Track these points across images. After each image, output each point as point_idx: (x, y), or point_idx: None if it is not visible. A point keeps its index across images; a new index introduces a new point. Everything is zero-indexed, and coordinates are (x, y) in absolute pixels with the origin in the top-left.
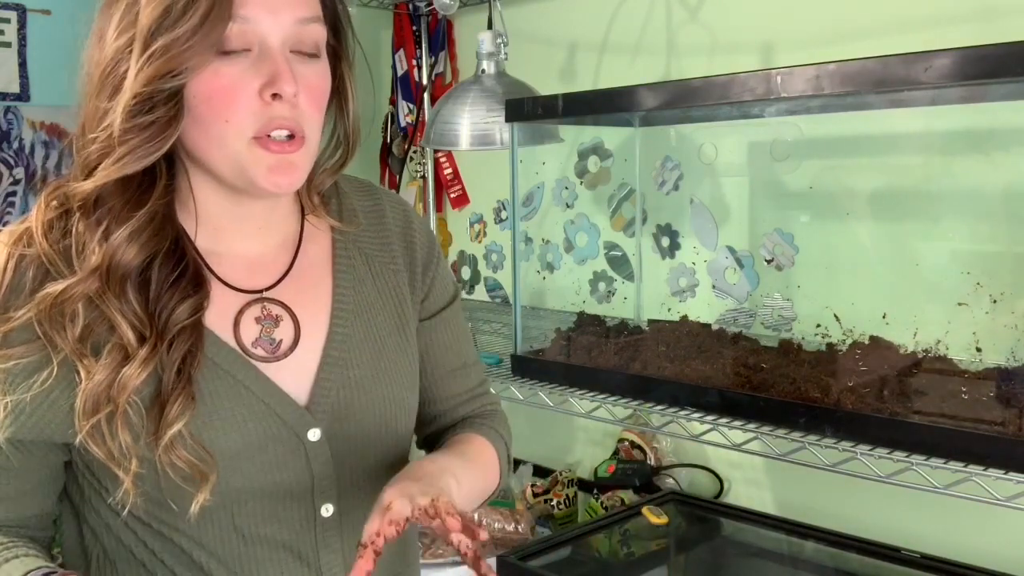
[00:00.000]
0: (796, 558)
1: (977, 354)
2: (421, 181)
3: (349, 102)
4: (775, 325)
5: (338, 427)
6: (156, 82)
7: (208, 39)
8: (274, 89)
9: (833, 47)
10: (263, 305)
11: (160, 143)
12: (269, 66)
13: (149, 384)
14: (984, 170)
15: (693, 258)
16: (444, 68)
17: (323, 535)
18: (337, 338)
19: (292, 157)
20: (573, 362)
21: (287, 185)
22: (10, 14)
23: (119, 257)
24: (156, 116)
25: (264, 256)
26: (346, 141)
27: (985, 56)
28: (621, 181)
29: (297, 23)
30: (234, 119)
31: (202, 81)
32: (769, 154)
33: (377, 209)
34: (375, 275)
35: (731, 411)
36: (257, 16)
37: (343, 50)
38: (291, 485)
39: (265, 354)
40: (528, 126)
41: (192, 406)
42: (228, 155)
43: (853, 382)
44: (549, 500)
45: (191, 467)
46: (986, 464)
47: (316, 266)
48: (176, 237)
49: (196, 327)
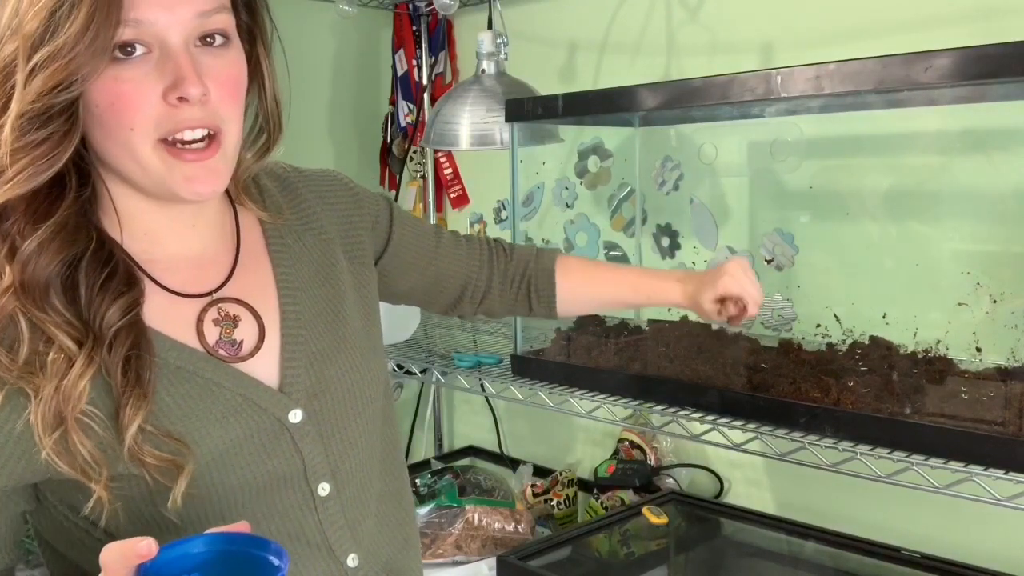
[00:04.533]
0: (796, 558)
1: (977, 354)
2: (421, 181)
3: (267, 83)
4: (775, 325)
5: (316, 404)
6: (45, 97)
7: (95, 46)
8: (179, 92)
9: (833, 47)
10: (219, 307)
11: (54, 159)
12: (172, 67)
13: (105, 397)
14: (984, 170)
15: (693, 258)
16: (444, 68)
17: (325, 514)
18: (291, 317)
19: (210, 163)
20: (573, 362)
21: (209, 193)
22: None
23: (31, 269)
24: (50, 131)
25: (205, 253)
26: (267, 124)
27: (985, 56)
28: (621, 181)
29: (198, 17)
30: (139, 126)
31: (102, 88)
32: (769, 154)
33: (287, 186)
34: (307, 249)
35: (731, 411)
36: (151, 17)
37: (258, 28)
38: (283, 472)
39: (227, 355)
40: (528, 126)
41: (146, 404)
42: (139, 164)
43: (853, 382)
44: (549, 500)
45: (166, 462)
46: (986, 464)
47: (254, 253)
48: (100, 239)
49: (134, 326)
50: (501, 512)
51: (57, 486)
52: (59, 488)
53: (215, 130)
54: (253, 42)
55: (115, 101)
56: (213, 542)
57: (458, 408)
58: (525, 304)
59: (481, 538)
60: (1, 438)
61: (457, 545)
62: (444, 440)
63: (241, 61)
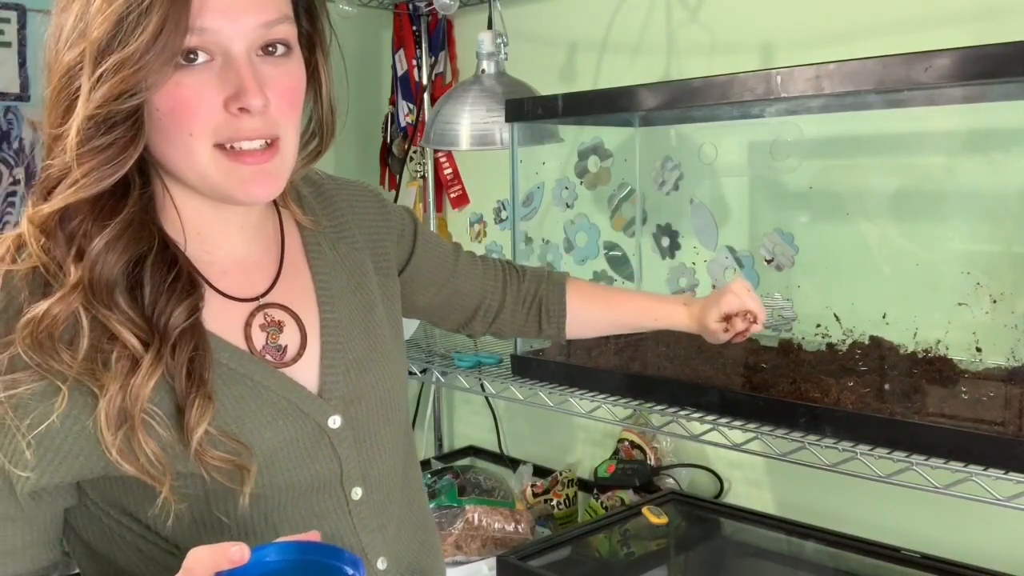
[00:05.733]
0: (796, 558)
1: (977, 354)
2: (421, 181)
3: (323, 89)
4: (775, 325)
5: (352, 410)
6: (111, 103)
7: (163, 55)
8: (240, 103)
9: (833, 47)
10: (265, 312)
11: (119, 165)
12: (234, 77)
13: (166, 397)
14: (984, 170)
15: (693, 258)
16: (444, 68)
17: (359, 518)
18: (329, 325)
19: (268, 167)
20: (573, 362)
21: (265, 196)
22: (10, 14)
23: (99, 268)
24: (114, 137)
25: (252, 258)
26: (320, 130)
27: (985, 56)
28: (621, 181)
29: (262, 27)
30: (198, 132)
31: (164, 93)
32: (769, 154)
33: (322, 193)
34: (342, 258)
35: (731, 411)
36: (217, 25)
37: (318, 37)
38: (323, 475)
39: (273, 360)
40: (528, 126)
41: (212, 406)
42: (197, 170)
43: (853, 382)
44: (549, 500)
45: (228, 464)
46: (986, 464)
47: (295, 259)
48: (163, 241)
49: (196, 329)
50: (501, 512)
51: (105, 486)
52: (110, 489)
53: (273, 139)
54: (312, 49)
55: (176, 106)
56: (286, 551)
57: (458, 408)
58: (535, 325)
59: (481, 538)
60: (62, 434)
61: (457, 545)
62: (444, 440)
63: (301, 71)
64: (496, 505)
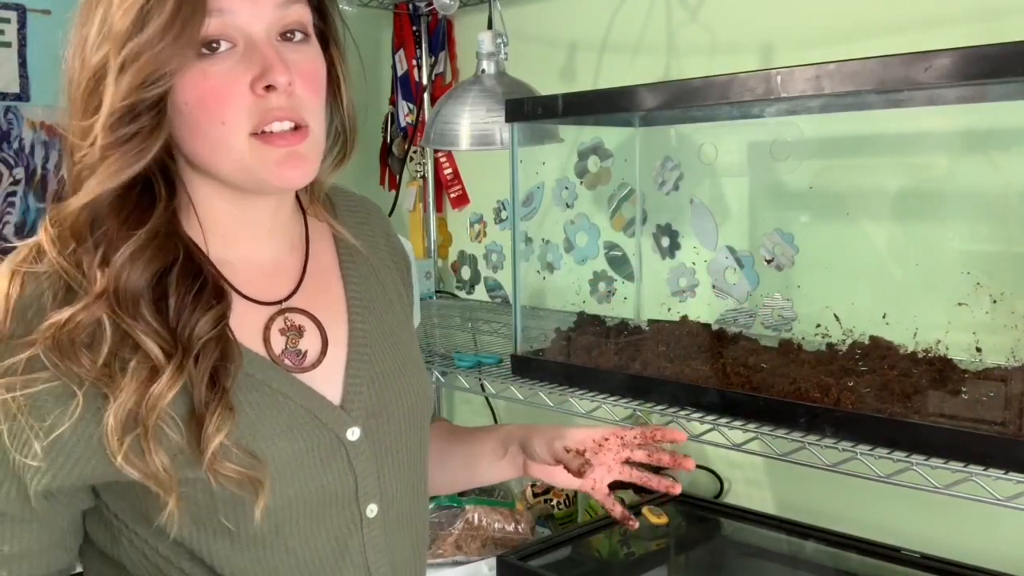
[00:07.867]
0: (796, 558)
1: (977, 354)
2: (421, 181)
3: (343, 87)
4: (775, 325)
5: (373, 424)
6: (136, 92)
7: (183, 38)
8: (266, 81)
9: (833, 47)
10: (285, 316)
11: (142, 153)
12: (258, 58)
13: (181, 401)
14: (984, 170)
15: (693, 258)
16: (444, 68)
17: (370, 536)
18: (359, 335)
19: (299, 148)
20: (573, 362)
21: (299, 178)
22: (10, 14)
23: (124, 278)
24: (139, 125)
25: (276, 262)
26: (344, 131)
27: (985, 56)
28: (621, 181)
29: (278, 7)
30: (230, 119)
31: (190, 86)
32: (769, 154)
33: (360, 210)
34: (376, 271)
35: (731, 411)
36: (234, 7)
37: (331, 32)
38: (336, 489)
39: (292, 365)
40: (528, 126)
41: (231, 417)
42: (232, 158)
43: (853, 382)
44: (549, 500)
45: (242, 476)
46: (986, 464)
47: (325, 267)
48: (187, 251)
49: (221, 338)
50: (501, 512)
51: (115, 490)
52: (120, 493)
53: (301, 123)
54: (326, 44)
55: (204, 96)
56: None
57: (458, 408)
58: None
59: (481, 538)
60: (75, 437)
61: (457, 545)
62: None
63: (320, 58)
64: (496, 505)
